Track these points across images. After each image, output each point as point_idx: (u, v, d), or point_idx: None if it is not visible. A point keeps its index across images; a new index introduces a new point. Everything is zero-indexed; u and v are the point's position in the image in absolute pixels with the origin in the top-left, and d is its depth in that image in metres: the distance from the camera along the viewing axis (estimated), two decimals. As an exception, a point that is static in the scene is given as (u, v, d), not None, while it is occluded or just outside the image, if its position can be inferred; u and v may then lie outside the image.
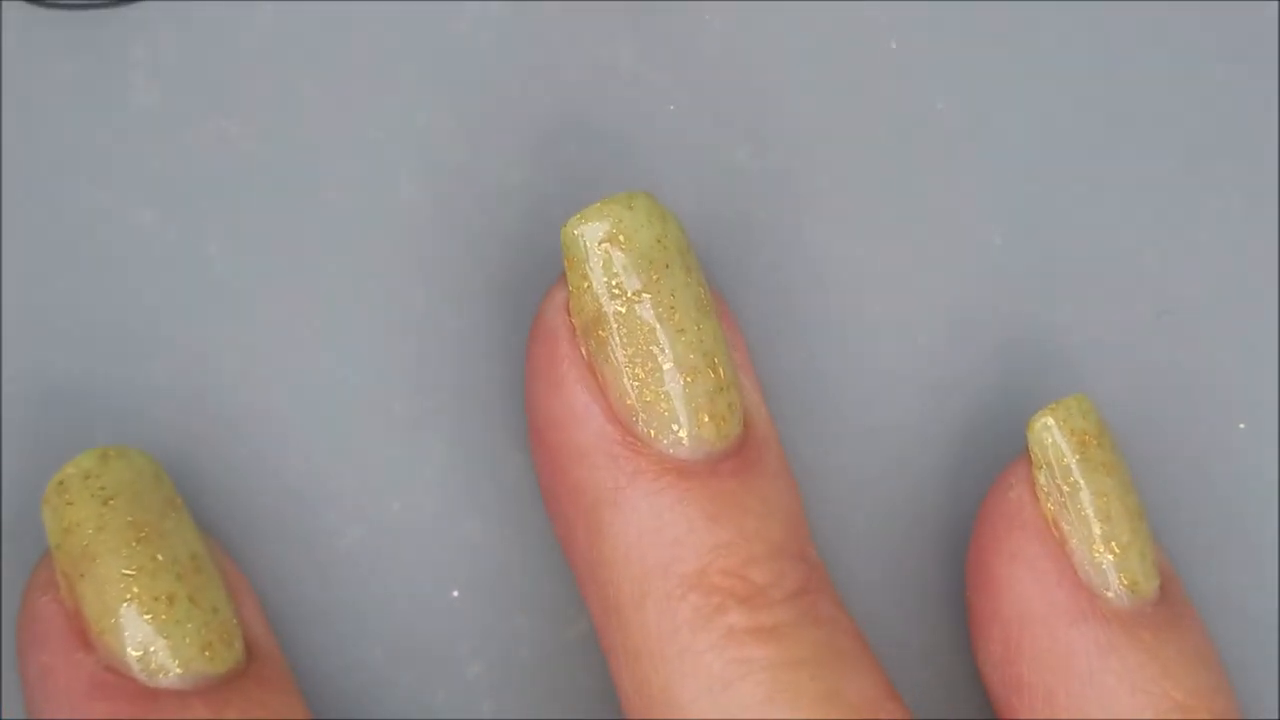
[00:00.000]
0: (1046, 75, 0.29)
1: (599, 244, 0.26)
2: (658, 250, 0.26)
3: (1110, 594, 0.26)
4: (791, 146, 0.29)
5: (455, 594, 0.29)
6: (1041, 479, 0.27)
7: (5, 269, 0.28)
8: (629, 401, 0.26)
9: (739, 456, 0.26)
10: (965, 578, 0.28)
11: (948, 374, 0.29)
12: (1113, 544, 0.26)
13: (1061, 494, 0.27)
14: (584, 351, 0.26)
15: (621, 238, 0.26)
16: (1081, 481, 0.26)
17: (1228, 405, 0.29)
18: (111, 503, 0.26)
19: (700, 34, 0.29)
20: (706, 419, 0.26)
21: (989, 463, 0.29)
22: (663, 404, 0.26)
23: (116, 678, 0.25)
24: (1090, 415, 0.27)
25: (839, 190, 0.29)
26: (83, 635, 0.26)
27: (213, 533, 0.28)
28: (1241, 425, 0.29)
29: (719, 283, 0.29)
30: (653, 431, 0.26)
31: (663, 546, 0.26)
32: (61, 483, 0.26)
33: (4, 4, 0.28)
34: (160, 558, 0.25)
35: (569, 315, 0.26)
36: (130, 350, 0.28)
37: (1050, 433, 0.27)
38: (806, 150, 0.29)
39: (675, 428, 0.26)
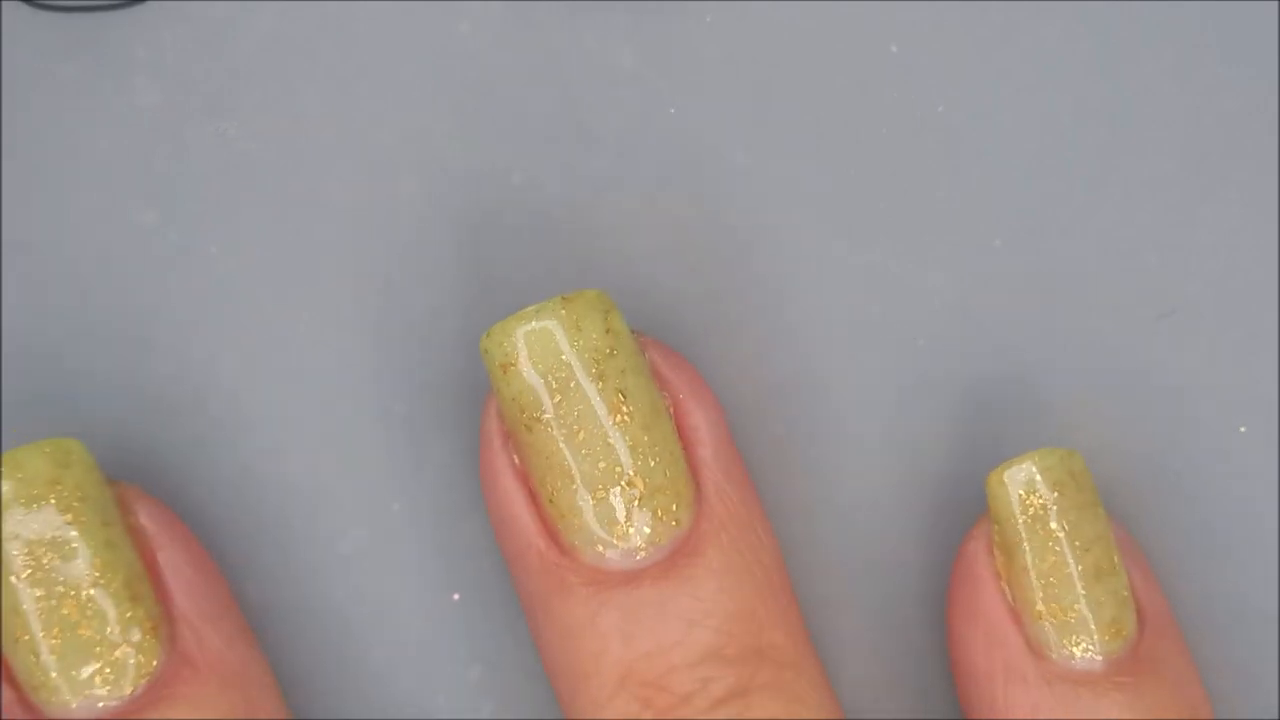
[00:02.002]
0: (1047, 76, 0.29)
1: (498, 366, 0.26)
2: (560, 369, 0.26)
3: (1054, 656, 0.26)
4: (791, 148, 0.29)
5: (456, 596, 0.29)
6: (995, 534, 0.27)
7: (5, 269, 0.28)
8: (551, 511, 0.26)
9: (670, 559, 0.26)
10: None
11: (948, 376, 0.29)
12: (1053, 606, 0.26)
13: (1010, 550, 0.26)
14: (515, 458, 0.26)
15: (522, 358, 0.25)
16: (1027, 540, 0.26)
17: (1228, 408, 0.29)
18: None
19: (700, 35, 0.29)
20: (628, 529, 0.26)
21: (989, 466, 0.29)
22: (576, 519, 0.26)
23: (22, 713, 0.25)
24: (1050, 472, 0.26)
25: (839, 192, 0.29)
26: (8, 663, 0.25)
27: (212, 533, 0.28)
28: (1242, 429, 0.29)
29: (719, 285, 0.29)
30: (576, 543, 0.26)
31: (583, 658, 0.26)
32: None
33: (4, 4, 0.28)
34: (42, 591, 0.25)
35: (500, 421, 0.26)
36: (130, 350, 0.28)
37: (1004, 488, 0.26)
38: (806, 152, 0.29)
39: (592, 541, 0.26)
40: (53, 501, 0.25)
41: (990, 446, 0.29)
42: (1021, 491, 0.26)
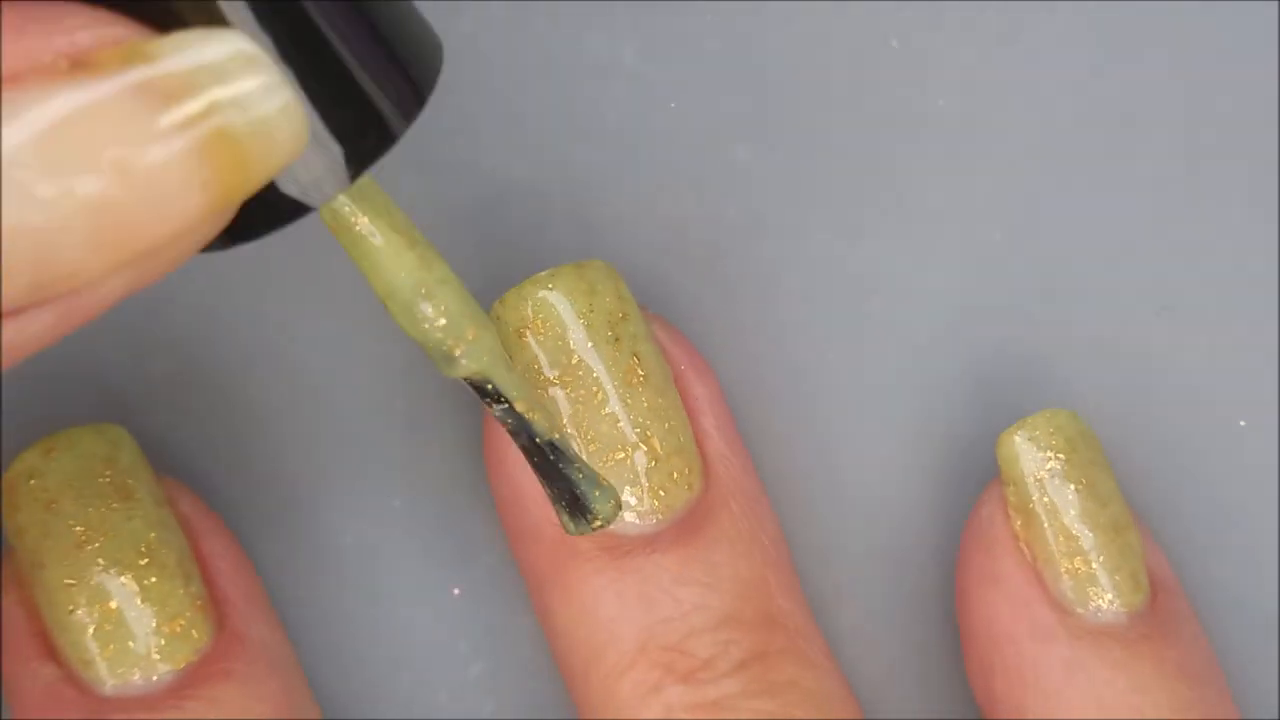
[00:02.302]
0: (1046, 74, 0.29)
1: (512, 331, 0.26)
2: (577, 331, 0.26)
3: (1080, 610, 0.26)
4: (792, 146, 0.29)
5: (457, 592, 0.28)
6: (1010, 496, 0.27)
7: (5, 267, 0.28)
8: None
9: (682, 525, 0.26)
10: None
11: (948, 373, 0.29)
12: (1077, 561, 0.26)
13: (1027, 511, 0.27)
14: None
15: (538, 322, 0.26)
16: (1045, 498, 0.26)
17: (1228, 403, 0.29)
18: (54, 506, 0.25)
19: (700, 33, 0.29)
20: (644, 493, 0.26)
21: (988, 462, 0.29)
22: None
23: (68, 689, 0.25)
24: (1061, 431, 0.26)
25: (839, 189, 0.29)
26: (44, 637, 0.25)
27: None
28: (1242, 423, 0.29)
29: (719, 281, 0.29)
30: (594, 508, 0.26)
31: (600, 627, 0.26)
32: (7, 485, 0.26)
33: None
34: (103, 561, 0.25)
35: None
36: (130, 348, 0.28)
37: (1016, 449, 0.27)
38: (807, 149, 0.29)
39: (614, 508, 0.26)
40: (109, 477, 0.25)
41: (991, 442, 0.29)
42: (1036, 450, 0.26)
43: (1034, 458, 0.26)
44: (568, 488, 0.23)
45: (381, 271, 0.21)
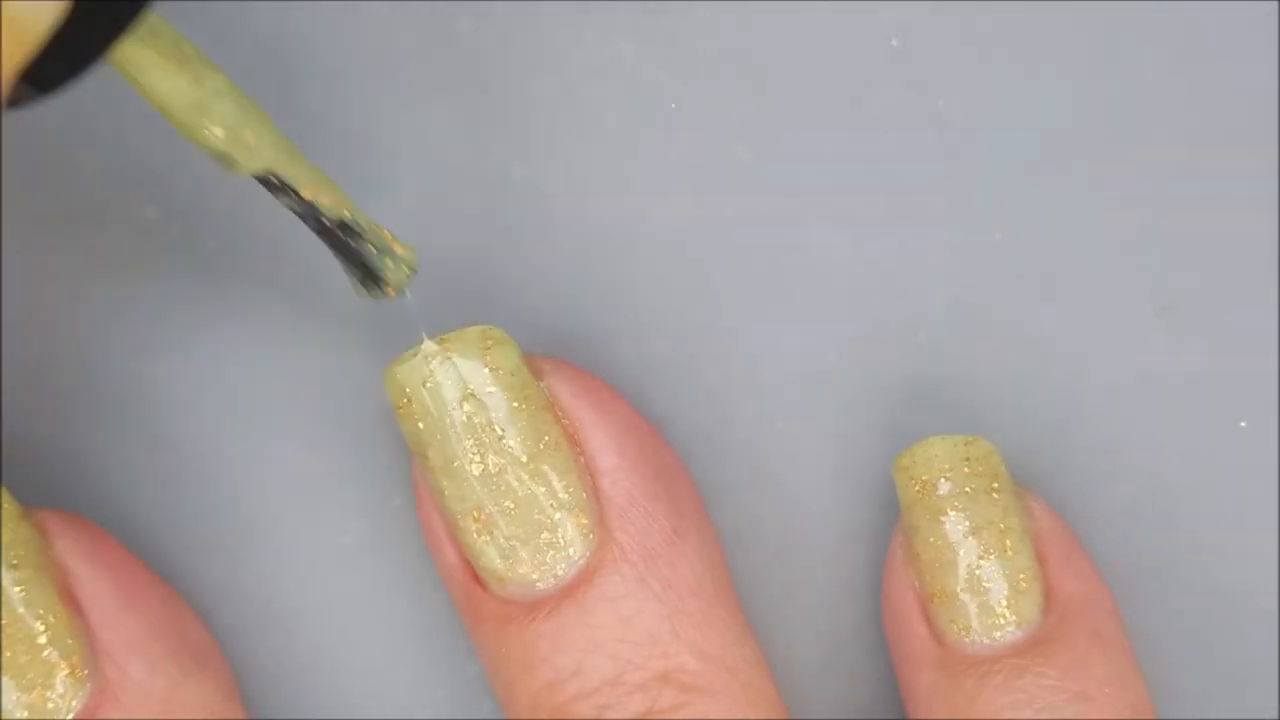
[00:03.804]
0: (1046, 74, 0.29)
1: (392, 406, 0.26)
2: (438, 409, 0.26)
3: (949, 640, 0.26)
4: (792, 145, 0.29)
5: (456, 591, 0.29)
6: (903, 520, 0.27)
7: (5, 268, 0.28)
8: (461, 543, 0.26)
9: (566, 589, 0.26)
10: None
11: (947, 372, 0.29)
12: (939, 590, 0.26)
13: (907, 537, 0.27)
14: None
15: (404, 399, 0.26)
16: (917, 524, 0.27)
17: (1228, 403, 0.29)
18: None
19: (701, 32, 0.29)
20: (515, 565, 0.26)
21: (990, 460, 0.29)
22: (470, 553, 0.26)
23: None
24: (935, 460, 0.27)
25: (839, 189, 0.29)
26: None
27: (213, 530, 0.28)
28: (1242, 423, 0.29)
29: (719, 280, 0.29)
30: (482, 575, 0.26)
31: (500, 684, 0.26)
32: None
33: (5, 2, 0.28)
34: None
35: None
36: (130, 348, 0.28)
37: (898, 474, 0.27)
38: (807, 149, 0.29)
39: (491, 575, 0.26)
40: None
41: (991, 441, 0.29)
42: (910, 477, 0.27)
43: (913, 483, 0.27)
44: (360, 260, 0.24)
45: (154, 94, 0.22)
